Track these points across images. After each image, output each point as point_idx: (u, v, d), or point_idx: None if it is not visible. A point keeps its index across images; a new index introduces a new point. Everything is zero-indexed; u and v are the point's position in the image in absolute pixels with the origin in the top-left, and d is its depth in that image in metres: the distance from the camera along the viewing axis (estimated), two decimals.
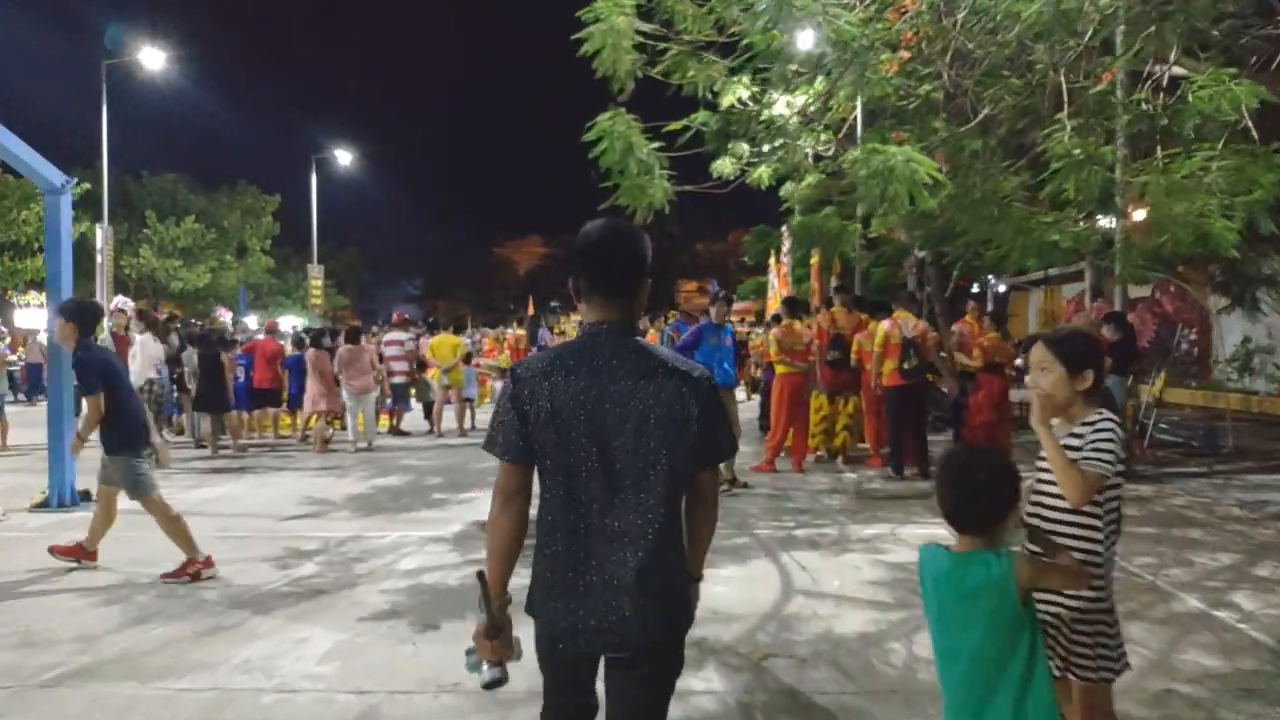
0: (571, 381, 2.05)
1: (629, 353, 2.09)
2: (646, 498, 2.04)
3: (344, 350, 11.82)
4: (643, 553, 2.04)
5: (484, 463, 10.61)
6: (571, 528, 2.08)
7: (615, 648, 2.08)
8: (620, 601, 2.04)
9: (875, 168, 7.22)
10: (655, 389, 2.05)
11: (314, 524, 7.47)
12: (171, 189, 31.84)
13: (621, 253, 2.12)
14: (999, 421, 9.64)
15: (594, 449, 2.04)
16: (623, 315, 2.13)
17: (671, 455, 2.05)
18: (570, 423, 2.03)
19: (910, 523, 7.21)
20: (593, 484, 2.05)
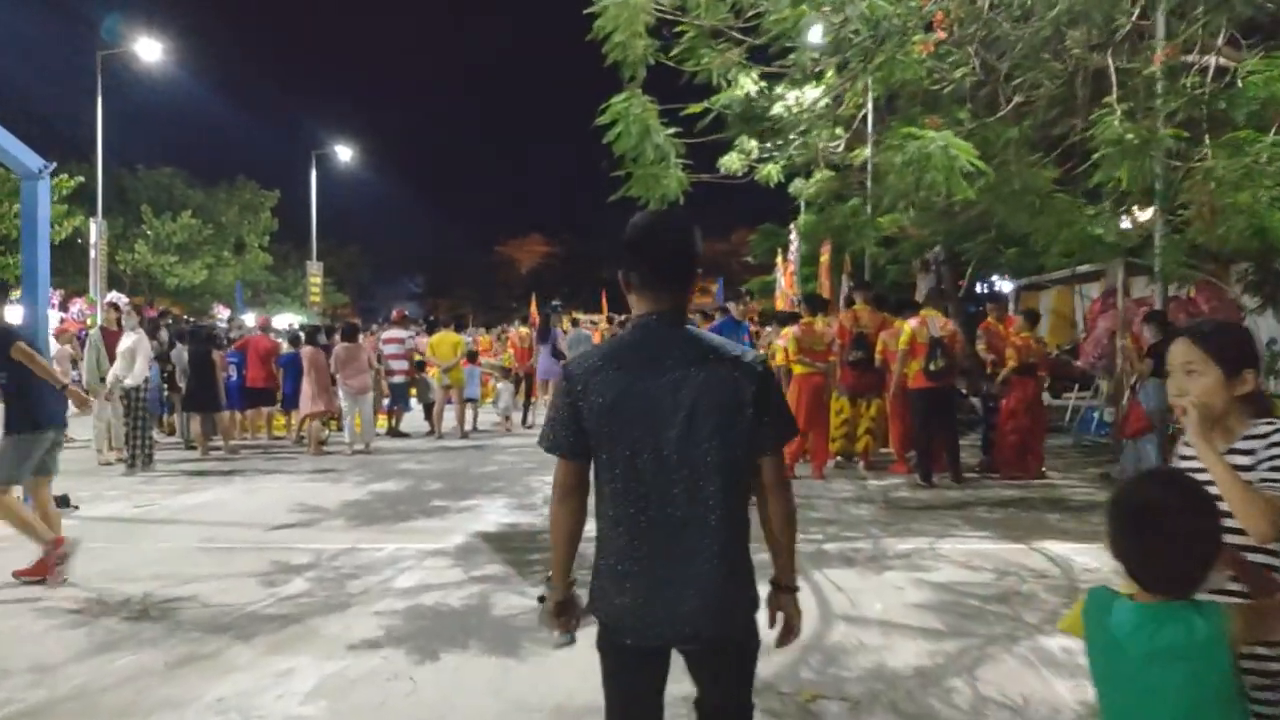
0: (623, 374, 2.05)
1: (680, 342, 2.08)
2: (705, 485, 2.03)
3: (340, 348, 11.30)
4: (708, 541, 2.03)
5: (486, 467, 10.10)
6: (632, 521, 2.06)
7: (685, 640, 2.09)
8: (688, 593, 2.03)
9: (911, 155, 6.70)
10: (707, 376, 2.03)
11: (305, 534, 6.95)
12: (168, 183, 31.27)
13: (672, 242, 2.13)
14: (1032, 426, 9.11)
15: (649, 440, 2.03)
16: (673, 305, 2.11)
17: (727, 442, 2.03)
18: (624, 416, 2.03)
19: (949, 536, 6.68)
20: (651, 476, 2.03)
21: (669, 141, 7.87)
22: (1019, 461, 9.11)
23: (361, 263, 52.50)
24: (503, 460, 10.61)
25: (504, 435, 13.23)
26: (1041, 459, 9.22)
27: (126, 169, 31.09)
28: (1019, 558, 6.06)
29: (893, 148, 6.84)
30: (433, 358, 12.80)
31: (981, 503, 7.98)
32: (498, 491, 8.56)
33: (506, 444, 12.20)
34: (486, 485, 8.91)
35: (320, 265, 36.57)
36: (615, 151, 7.42)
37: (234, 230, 33.25)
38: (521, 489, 8.69)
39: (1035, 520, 7.27)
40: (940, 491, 8.48)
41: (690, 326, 2.14)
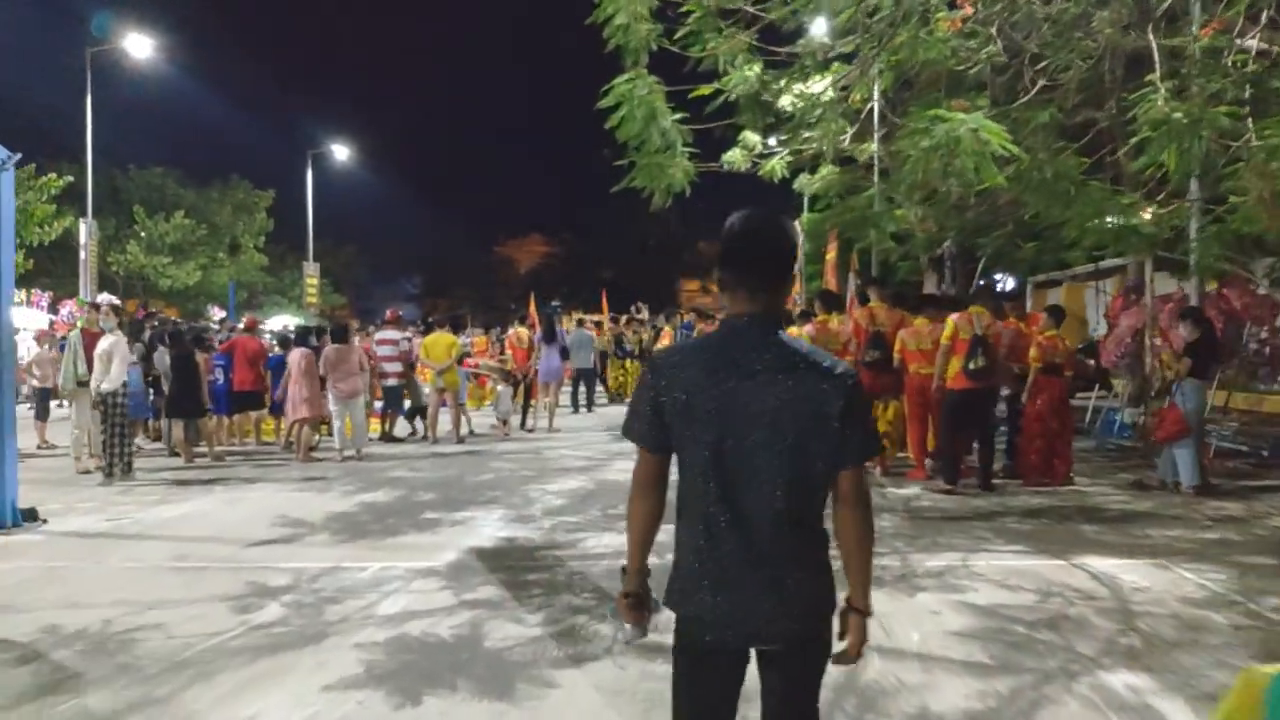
0: (708, 374, 2.03)
1: (769, 346, 2.05)
2: (783, 494, 2.01)
3: (330, 350, 10.79)
4: (785, 545, 2.03)
5: (482, 475, 9.59)
6: (711, 520, 2.04)
7: (767, 640, 2.08)
8: (765, 595, 2.03)
9: (939, 138, 6.19)
10: (794, 384, 2.01)
11: (285, 551, 6.44)
12: (160, 183, 30.69)
13: (766, 244, 2.11)
14: (1060, 430, 8.60)
15: (729, 442, 2.01)
16: (765, 308, 2.08)
17: (810, 452, 2.01)
18: (705, 415, 2.02)
19: (981, 551, 6.17)
20: (729, 477, 2.02)
21: (676, 128, 7.38)
22: (1045, 467, 8.61)
23: (359, 263, 51.97)
24: (499, 468, 10.10)
25: (502, 440, 12.72)
26: (1070, 465, 8.72)
27: (118, 169, 30.55)
28: (1060, 575, 5.55)
29: (918, 132, 6.33)
30: (426, 359, 12.29)
31: (1009, 512, 7.48)
32: (494, 502, 8.06)
33: (504, 449, 11.69)
34: (482, 495, 8.40)
35: (317, 266, 36.14)
36: (619, 138, 6.93)
37: (228, 231, 32.68)
38: (520, 499, 8.19)
39: (1070, 532, 6.76)
40: (964, 499, 7.98)
41: (781, 333, 2.08)
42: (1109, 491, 8.39)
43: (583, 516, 7.36)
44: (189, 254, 30.52)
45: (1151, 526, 6.95)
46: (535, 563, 5.95)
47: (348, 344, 10.92)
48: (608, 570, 5.68)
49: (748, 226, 2.13)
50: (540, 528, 6.97)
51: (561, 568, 5.79)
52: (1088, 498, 8.11)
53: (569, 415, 16.06)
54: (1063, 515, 7.37)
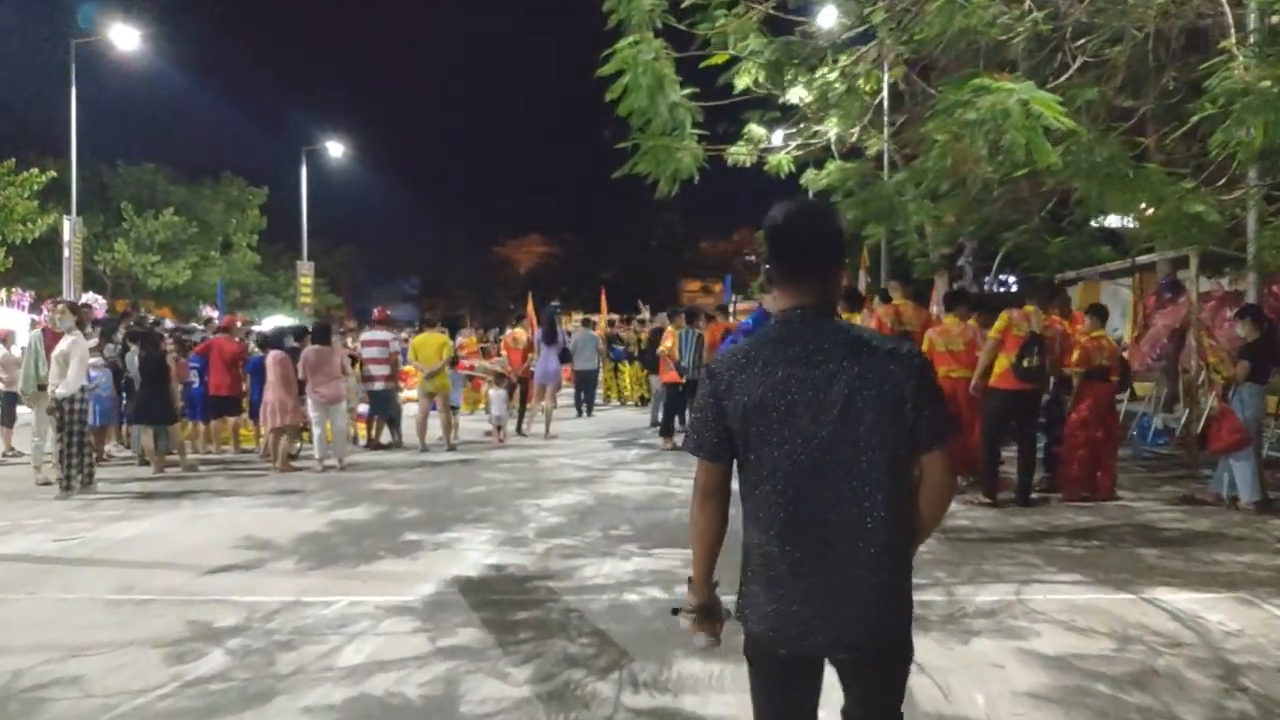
0: (769, 372, 1.96)
1: (829, 335, 1.97)
2: (861, 486, 1.92)
3: (310, 352, 10.02)
4: (864, 545, 1.92)
5: (472, 487, 8.83)
6: (784, 524, 1.95)
7: (844, 648, 1.97)
8: (845, 599, 1.93)
9: (984, 112, 5.44)
10: (861, 370, 1.91)
11: (244, 581, 5.68)
12: (150, 180, 29.90)
13: (809, 232, 2.03)
14: (1104, 439, 7.84)
15: (799, 439, 1.93)
16: (818, 298, 2.01)
17: (885, 439, 1.92)
18: (772, 414, 1.94)
19: (1034, 581, 5.41)
20: (802, 476, 1.93)
21: (685, 105, 6.62)
22: (1087, 480, 7.85)
23: (355, 263, 51.23)
24: (492, 479, 9.34)
25: (496, 447, 11.96)
26: (1114, 478, 7.96)
27: (107, 165, 29.78)
28: (1133, 614, 4.79)
29: (959, 105, 5.55)
30: (415, 361, 11.53)
31: (1056, 533, 6.72)
32: (483, 520, 7.30)
33: (497, 458, 10.93)
34: (470, 512, 7.64)
35: (311, 265, 35.41)
36: (621, 112, 6.17)
37: (220, 229, 31.89)
38: (512, 517, 7.43)
39: (1129, 558, 6.00)
40: (1004, 517, 7.22)
41: (840, 319, 2.03)
42: (1159, 507, 7.63)
43: (581, 539, 6.60)
44: (179, 252, 29.74)
45: (1219, 550, 6.19)
46: (525, 596, 5.19)
47: (329, 345, 10.16)
48: (609, 607, 4.92)
49: (790, 215, 2.04)
50: (532, 552, 6.21)
51: (555, 604, 5.03)
52: (1137, 515, 7.35)
53: (571, 420, 15.31)
54: (1116, 536, 6.61)
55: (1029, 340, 7.33)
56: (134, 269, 28.70)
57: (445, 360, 11.46)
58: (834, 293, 2.08)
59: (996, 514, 7.32)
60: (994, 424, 7.59)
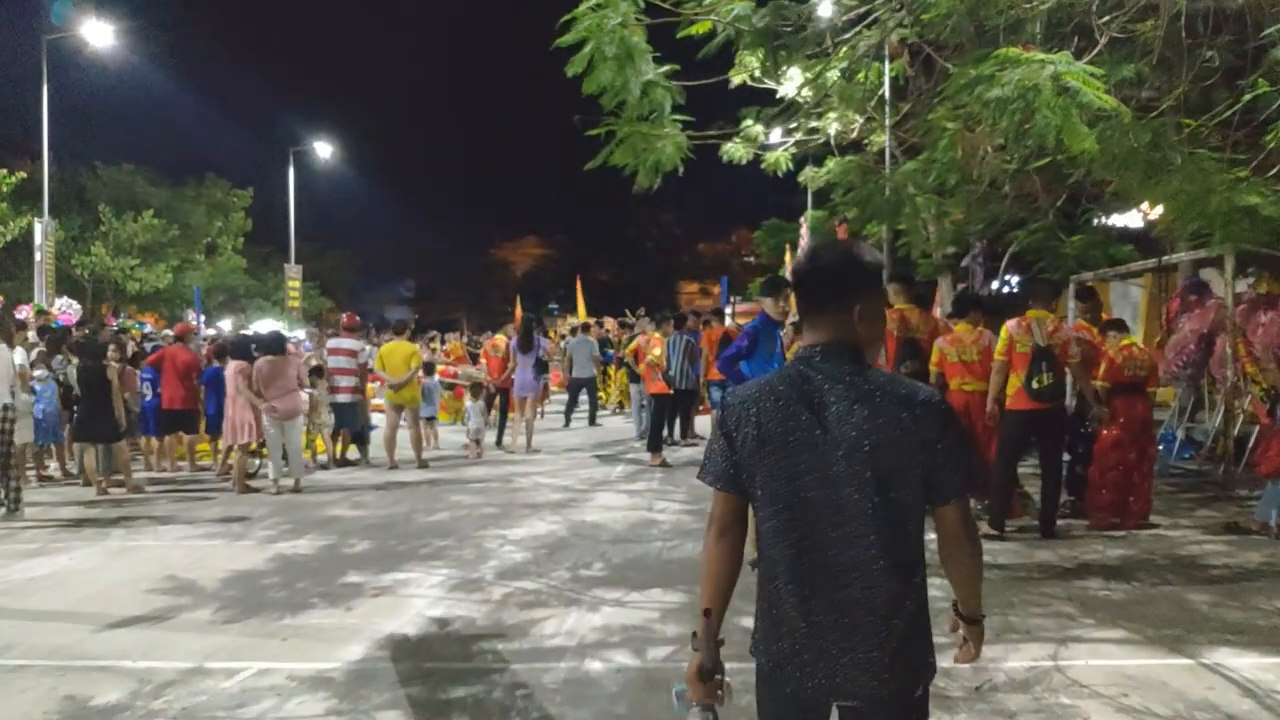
0: (780, 407, 1.92)
1: (843, 376, 1.91)
2: (868, 532, 1.85)
3: (263, 363, 9.19)
4: (872, 590, 1.85)
5: (435, 514, 8.00)
6: (791, 563, 1.90)
7: (847, 695, 1.90)
8: (851, 644, 1.86)
9: (1011, 88, 4.62)
10: (872, 414, 1.85)
11: (146, 639, 4.86)
12: (129, 181, 29.01)
13: (825, 271, 2.00)
14: (1138, 461, 7.02)
15: (807, 479, 1.88)
16: (834, 336, 1.95)
17: (893, 486, 1.85)
18: (780, 451, 1.90)
19: (1072, 640, 4.58)
20: (810, 516, 1.88)
21: (663, 85, 5.81)
22: (1118, 506, 7.03)
23: (348, 266, 50.40)
24: (458, 503, 8.51)
25: (471, 463, 11.14)
26: (1149, 504, 7.13)
27: (85, 166, 28.93)
28: (1195, 687, 3.97)
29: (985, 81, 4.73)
30: (381, 372, 10.71)
31: (1088, 571, 5.89)
32: (438, 557, 6.47)
33: (470, 476, 10.11)
34: (426, 545, 6.82)
35: (299, 269, 34.54)
36: (586, 90, 5.35)
37: (203, 231, 31.01)
38: (472, 552, 6.60)
39: (1178, 605, 5.18)
40: (1026, 549, 6.40)
41: (857, 362, 1.93)
42: (1199, 537, 6.80)
43: (545, 581, 5.77)
44: (160, 256, 28.86)
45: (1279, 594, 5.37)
46: (467, 665, 4.36)
47: (283, 355, 9.34)
48: (566, 681, 4.10)
49: (814, 256, 2.07)
50: (487, 600, 5.38)
51: (501, 676, 4.19)
52: (1177, 546, 6.53)
53: (558, 431, 14.50)
54: (1157, 574, 5.78)
55: (1035, 356, 6.52)
56: (112, 273, 27.81)
57: (414, 371, 10.64)
58: (852, 331, 1.95)
59: (1018, 546, 6.50)
60: (1008, 449, 6.78)
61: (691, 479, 9.66)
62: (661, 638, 4.65)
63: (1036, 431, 6.69)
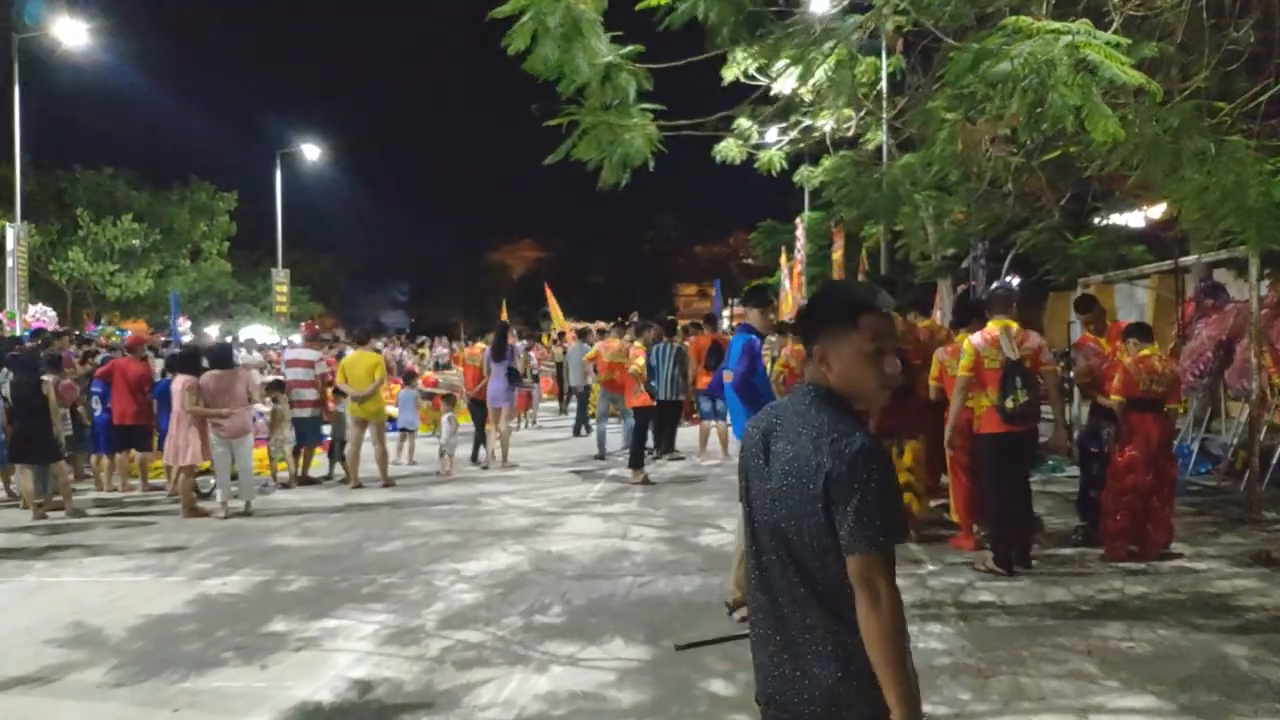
0: (755, 441, 2.01)
1: (800, 413, 1.93)
2: (792, 576, 1.89)
3: (209, 378, 8.52)
4: (809, 637, 1.87)
5: (387, 543, 7.33)
6: (753, 589, 2.00)
7: (784, 710, 1.93)
8: (781, 664, 1.92)
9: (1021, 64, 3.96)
10: (794, 454, 1.88)
11: (21, 708, 4.20)
12: (110, 185, 28.30)
13: (820, 310, 2.02)
14: (1157, 485, 6.33)
15: (756, 505, 1.98)
16: (811, 376, 1.98)
17: (804, 525, 1.85)
18: (748, 479, 2.03)
19: (1094, 710, 3.91)
20: (759, 540, 1.98)
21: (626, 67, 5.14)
22: (1135, 534, 6.36)
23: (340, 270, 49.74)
24: (417, 529, 7.84)
25: (440, 481, 10.47)
26: (1170, 532, 6.46)
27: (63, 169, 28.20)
28: None
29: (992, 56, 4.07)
30: (344, 385, 10.03)
31: (1107, 614, 5.21)
32: (380, 598, 5.80)
33: (436, 497, 9.42)
34: (370, 583, 6.15)
35: (287, 273, 33.94)
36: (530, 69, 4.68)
37: (186, 236, 30.28)
38: (419, 590, 5.94)
39: (1213, 659, 4.50)
40: (1035, 586, 5.72)
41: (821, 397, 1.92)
42: (1227, 570, 6.12)
43: (492, 631, 5.10)
44: (141, 261, 28.17)
45: None
46: None
47: (231, 369, 8.67)
48: None
49: (815, 295, 2.13)
50: (422, 656, 4.71)
51: None
52: (1204, 582, 5.85)
53: (540, 444, 13.85)
54: (1185, 619, 5.10)
55: (1007, 371, 5.86)
56: (91, 278, 27.11)
57: (377, 383, 9.96)
58: (830, 369, 1.93)
59: (1027, 583, 5.83)
60: (991, 476, 6.11)
61: (674, 498, 8.99)
62: (615, 709, 3.98)
63: (1009, 457, 6.00)
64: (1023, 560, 6.10)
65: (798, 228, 22.71)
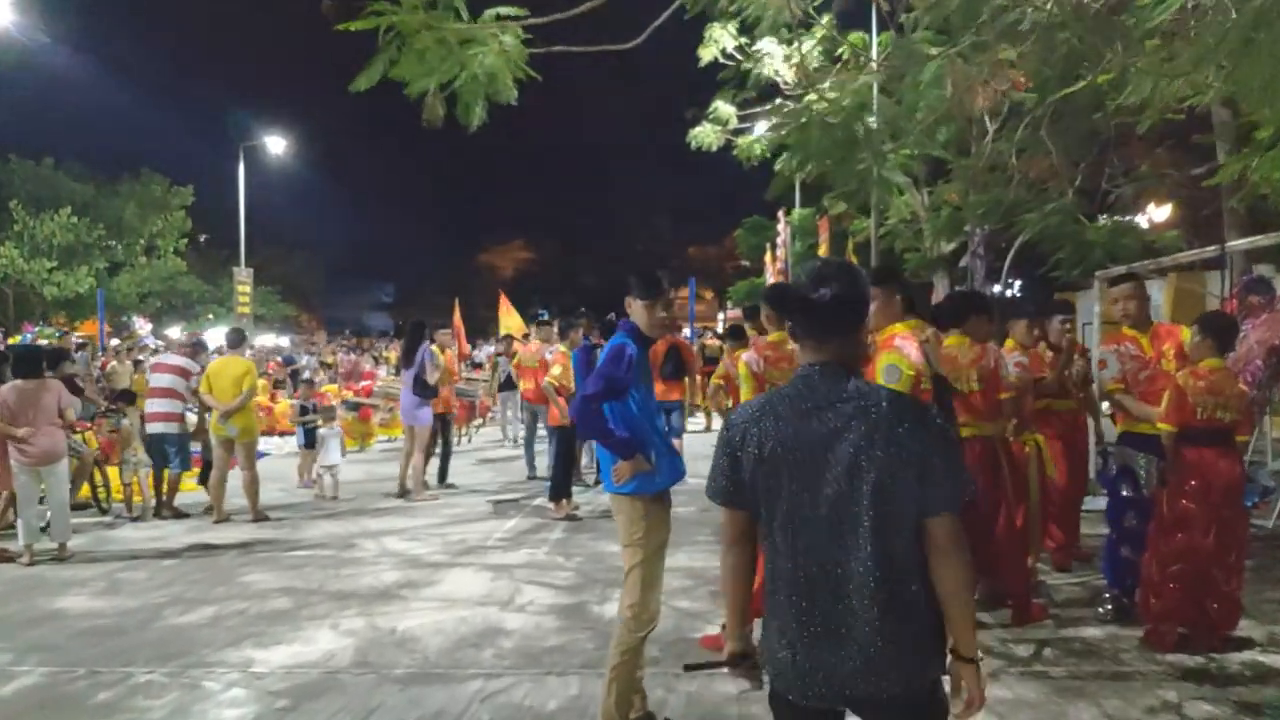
0: (780, 426, 2.01)
1: (841, 394, 2.00)
2: (864, 544, 1.94)
3: (8, 390, 6.77)
4: (868, 602, 1.93)
5: (191, 612, 5.52)
6: (790, 576, 2.00)
7: (846, 701, 2.00)
8: (848, 653, 1.95)
9: None
10: (869, 429, 1.94)
11: None
12: (49, 176, 26.55)
13: (831, 293, 2.03)
14: (1225, 546, 4.56)
15: (805, 495, 1.98)
16: (835, 356, 2.05)
17: (887, 500, 1.93)
18: (780, 468, 2.00)
19: None
20: (809, 531, 1.98)
21: None
22: (1189, 613, 4.61)
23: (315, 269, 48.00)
24: (247, 586, 6.09)
25: (328, 514, 8.72)
26: (1239, 609, 4.70)
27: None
28: None
29: None
30: (208, 396, 8.28)
31: None
32: (109, 712, 4.06)
33: (304, 538, 7.62)
34: (127, 679, 4.39)
35: (250, 272, 32.14)
36: None
37: (135, 230, 28.48)
38: (171, 700, 4.17)
39: None
40: (1051, 696, 3.98)
41: (856, 379, 2.02)
42: None
43: None
44: (83, 257, 26.40)
45: None
46: None
47: (38, 379, 6.93)
48: None
49: (814, 275, 2.07)
50: None
51: None
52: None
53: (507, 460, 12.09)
54: None
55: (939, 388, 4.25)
56: (27, 276, 25.31)
57: (246, 395, 8.20)
58: (854, 351, 2.09)
59: (1039, 690, 4.08)
60: None
61: (597, 540, 7.24)
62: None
63: None
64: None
65: (780, 222, 21.04)
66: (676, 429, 9.91)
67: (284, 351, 24.32)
